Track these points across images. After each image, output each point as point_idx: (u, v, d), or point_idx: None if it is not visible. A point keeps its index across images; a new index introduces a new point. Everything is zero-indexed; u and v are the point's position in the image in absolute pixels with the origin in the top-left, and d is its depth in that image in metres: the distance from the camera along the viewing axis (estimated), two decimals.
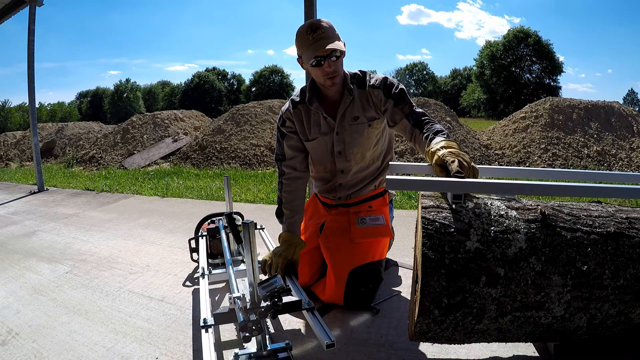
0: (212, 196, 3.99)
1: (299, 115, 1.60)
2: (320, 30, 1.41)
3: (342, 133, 1.56)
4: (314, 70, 1.45)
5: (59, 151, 9.87)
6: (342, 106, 1.54)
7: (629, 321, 0.98)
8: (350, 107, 1.54)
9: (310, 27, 1.42)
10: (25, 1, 4.74)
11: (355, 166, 1.60)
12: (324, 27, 1.41)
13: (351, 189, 1.65)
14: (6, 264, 2.32)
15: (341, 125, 1.55)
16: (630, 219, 1.00)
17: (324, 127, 1.57)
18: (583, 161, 5.91)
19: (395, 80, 1.55)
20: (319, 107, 1.55)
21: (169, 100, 48.02)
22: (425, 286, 0.93)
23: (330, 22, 1.45)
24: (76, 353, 1.39)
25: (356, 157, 1.58)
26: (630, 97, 40.67)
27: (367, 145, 1.57)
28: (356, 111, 1.54)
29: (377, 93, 1.52)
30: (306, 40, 1.42)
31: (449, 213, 0.98)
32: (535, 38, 33.56)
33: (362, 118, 1.54)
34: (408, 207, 3.23)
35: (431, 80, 47.87)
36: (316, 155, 1.63)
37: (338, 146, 1.57)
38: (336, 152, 1.58)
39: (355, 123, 1.54)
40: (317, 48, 1.39)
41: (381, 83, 1.53)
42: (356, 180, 1.64)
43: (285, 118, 1.63)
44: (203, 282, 1.51)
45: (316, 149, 1.62)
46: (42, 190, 4.93)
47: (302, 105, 1.59)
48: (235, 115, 7.83)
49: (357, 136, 1.55)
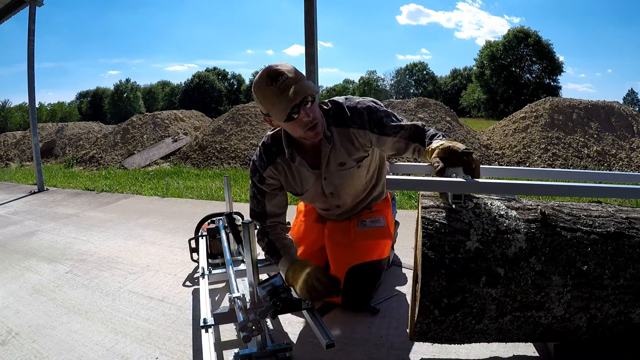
0: (212, 196, 3.99)
1: (282, 170, 1.44)
2: (282, 77, 1.20)
3: (329, 177, 1.43)
4: (290, 125, 1.26)
5: (59, 151, 9.87)
6: (323, 155, 1.38)
7: (629, 321, 0.98)
8: (332, 153, 1.38)
9: (269, 77, 1.21)
10: (25, 1, 4.74)
11: (350, 200, 1.55)
12: (286, 73, 1.21)
13: (350, 212, 1.62)
14: (6, 264, 2.32)
15: (327, 171, 1.42)
16: (630, 219, 1.00)
17: (310, 179, 1.44)
18: (583, 161, 5.91)
19: (379, 103, 1.39)
20: (302, 162, 1.38)
21: (169, 100, 48.06)
22: (425, 286, 0.93)
23: (289, 66, 1.25)
24: (76, 353, 1.39)
25: (350, 193, 1.51)
26: (630, 97, 40.67)
27: (358, 182, 1.49)
28: (340, 157, 1.39)
29: (362, 133, 1.36)
30: (269, 94, 1.21)
31: (449, 213, 0.99)
32: (535, 38, 33.59)
33: (349, 163, 1.40)
34: (408, 207, 3.23)
35: (431, 80, 47.89)
36: (309, 200, 1.57)
37: (328, 188, 1.47)
38: (328, 194, 1.49)
39: (342, 169, 1.42)
40: (286, 99, 1.19)
41: (365, 119, 1.35)
42: (354, 204, 1.60)
43: (266, 176, 1.44)
44: (203, 282, 1.52)
45: (308, 199, 1.55)
46: (42, 190, 4.93)
47: (281, 158, 1.42)
48: (235, 115, 7.83)
49: (347, 179, 1.45)
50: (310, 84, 1.24)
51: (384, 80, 52.38)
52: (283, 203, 1.51)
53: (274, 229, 1.49)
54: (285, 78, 1.21)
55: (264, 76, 1.22)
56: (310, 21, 2.57)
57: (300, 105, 1.22)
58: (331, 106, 1.39)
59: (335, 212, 1.62)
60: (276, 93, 1.20)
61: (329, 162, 1.40)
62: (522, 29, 34.67)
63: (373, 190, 1.60)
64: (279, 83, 1.20)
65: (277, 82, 1.20)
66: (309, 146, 1.39)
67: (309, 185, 1.46)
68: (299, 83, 1.22)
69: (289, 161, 1.40)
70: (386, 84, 51.85)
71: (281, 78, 1.20)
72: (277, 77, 1.21)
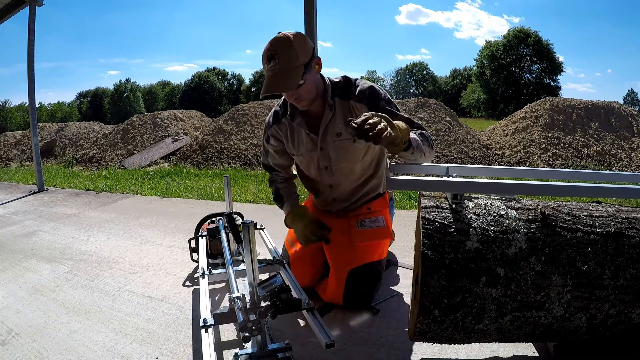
0: (212, 196, 3.99)
1: (284, 130, 1.56)
2: (274, 61, 1.30)
3: (326, 148, 1.50)
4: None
5: (59, 151, 9.87)
6: (323, 122, 1.47)
7: (629, 321, 0.98)
8: (332, 122, 1.47)
9: (266, 55, 1.32)
10: (25, 1, 4.74)
11: (345, 180, 1.57)
12: (279, 56, 1.29)
13: (346, 201, 1.63)
14: (6, 264, 2.32)
15: (324, 141, 1.49)
16: (630, 219, 1.00)
17: (307, 144, 1.52)
18: (583, 161, 5.91)
19: (382, 89, 1.47)
20: (301, 122, 1.50)
21: (169, 100, 48.05)
22: (425, 286, 0.93)
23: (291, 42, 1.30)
24: (76, 353, 1.39)
25: (344, 171, 1.54)
26: (630, 97, 40.68)
27: (354, 159, 1.52)
28: (338, 127, 1.46)
29: (360, 107, 1.43)
30: (264, 69, 1.35)
31: (449, 213, 0.99)
32: (535, 38, 33.59)
33: (345, 134, 1.46)
34: (408, 207, 3.23)
35: (431, 80, 47.88)
36: (304, 168, 1.63)
37: (323, 162, 1.53)
38: (322, 167, 1.55)
39: (339, 139, 1.48)
40: (265, 87, 1.31)
41: (366, 95, 1.43)
42: (349, 193, 1.61)
43: (270, 135, 1.61)
44: (203, 282, 1.51)
45: (303, 164, 1.62)
46: (42, 190, 4.93)
47: (285, 119, 1.54)
48: (235, 115, 7.83)
49: (342, 152, 1.49)
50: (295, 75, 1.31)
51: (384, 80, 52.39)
52: (283, 162, 1.67)
53: (280, 177, 1.70)
54: (276, 64, 1.30)
55: (265, 50, 1.34)
56: (310, 21, 2.57)
57: None
58: (342, 80, 1.49)
59: (329, 197, 1.62)
60: (266, 72, 1.34)
61: (327, 130, 1.48)
62: (522, 29, 34.68)
63: (370, 180, 1.61)
64: (270, 65, 1.32)
65: (269, 63, 1.32)
66: (311, 112, 1.49)
67: (303, 149, 1.55)
68: (284, 73, 1.30)
69: (290, 121, 1.52)
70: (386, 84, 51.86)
71: (273, 62, 1.31)
72: (270, 59, 1.32)
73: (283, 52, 1.30)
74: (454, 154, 6.25)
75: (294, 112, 1.50)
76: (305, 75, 1.34)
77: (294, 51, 1.30)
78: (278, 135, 1.59)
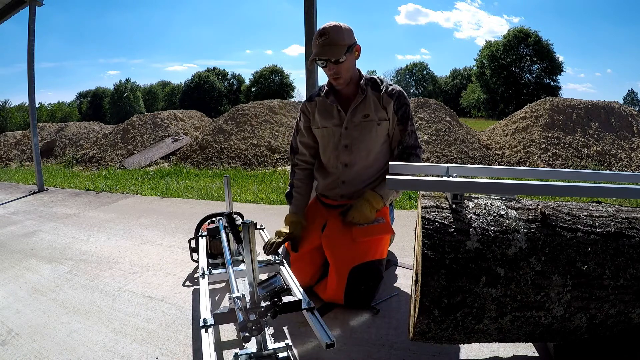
0: (212, 196, 3.99)
1: (314, 106, 1.76)
2: (325, 36, 1.57)
3: (350, 128, 1.67)
4: (323, 69, 1.64)
5: (59, 151, 9.88)
6: (354, 103, 1.67)
7: (629, 321, 0.98)
8: (362, 104, 1.66)
9: (320, 31, 1.60)
10: (25, 1, 4.74)
11: (360, 162, 1.68)
12: (330, 34, 1.57)
13: (354, 187, 1.69)
14: (6, 264, 2.32)
15: (351, 121, 1.67)
16: (630, 219, 1.00)
17: (335, 119, 1.70)
18: (583, 161, 5.91)
19: (407, 98, 1.69)
20: (334, 100, 1.69)
21: (169, 100, 47.98)
22: (425, 286, 0.93)
23: (341, 27, 1.59)
24: (76, 353, 1.39)
25: (361, 153, 1.67)
26: (630, 97, 40.62)
27: (373, 143, 1.67)
28: (367, 109, 1.66)
29: (389, 101, 1.65)
30: (315, 44, 1.61)
31: (449, 213, 0.99)
32: (535, 38, 33.54)
33: (372, 116, 1.65)
34: (408, 207, 3.24)
35: (431, 80, 47.86)
36: (324, 145, 1.75)
37: (345, 140, 1.68)
38: (342, 146, 1.68)
39: (366, 120, 1.65)
40: (316, 52, 1.59)
41: (396, 95, 1.65)
42: (359, 179, 1.69)
43: (301, 111, 1.80)
44: (203, 282, 1.51)
45: (324, 138, 1.73)
46: (42, 190, 4.93)
47: (318, 98, 1.75)
48: (235, 115, 7.83)
49: (365, 132, 1.66)
50: (339, 51, 1.56)
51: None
52: (309, 142, 1.80)
53: (300, 168, 1.83)
54: (326, 38, 1.57)
55: (319, 29, 1.61)
56: (310, 21, 2.57)
57: (327, 61, 1.58)
58: (375, 77, 1.73)
59: (340, 178, 1.70)
60: (317, 45, 1.60)
61: (355, 111, 1.67)
62: (522, 29, 34.63)
63: (379, 170, 1.70)
64: (321, 39, 1.58)
65: (321, 38, 1.58)
66: (344, 95, 1.71)
67: (330, 123, 1.71)
68: (334, 46, 1.56)
69: (324, 98, 1.72)
70: None
71: (324, 37, 1.58)
72: (322, 35, 1.58)
73: (333, 31, 1.57)
74: (454, 154, 6.25)
75: (329, 91, 1.71)
76: (347, 54, 1.58)
77: (341, 33, 1.58)
78: (307, 111, 1.78)
